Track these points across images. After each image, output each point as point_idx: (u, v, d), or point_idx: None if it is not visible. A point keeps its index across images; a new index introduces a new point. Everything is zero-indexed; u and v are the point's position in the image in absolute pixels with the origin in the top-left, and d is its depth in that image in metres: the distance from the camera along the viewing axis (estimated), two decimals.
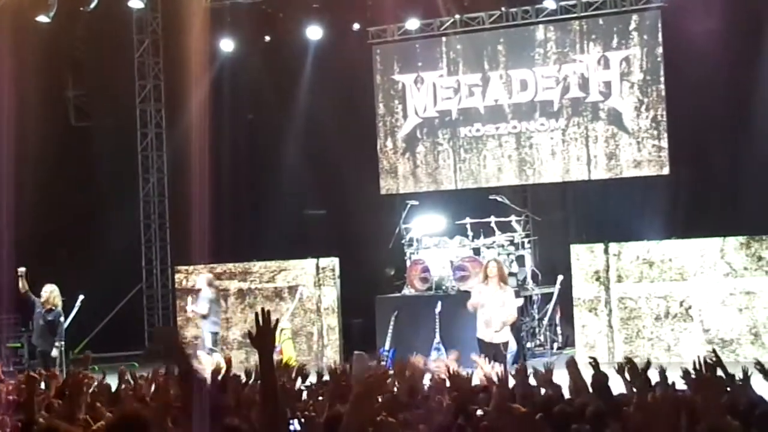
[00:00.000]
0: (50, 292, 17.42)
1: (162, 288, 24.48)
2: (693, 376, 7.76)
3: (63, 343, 17.33)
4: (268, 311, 5.40)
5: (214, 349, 17.87)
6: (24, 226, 19.44)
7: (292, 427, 7.18)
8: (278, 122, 23.06)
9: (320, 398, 8.32)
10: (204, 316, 18.06)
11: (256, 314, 5.31)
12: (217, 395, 7.67)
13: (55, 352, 17.15)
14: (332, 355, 20.23)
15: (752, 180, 18.92)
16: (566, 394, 8.19)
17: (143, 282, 24.57)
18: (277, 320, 5.56)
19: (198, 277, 19.20)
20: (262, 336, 5.30)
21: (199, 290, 18.45)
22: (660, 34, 20.24)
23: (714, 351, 8.62)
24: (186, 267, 21.58)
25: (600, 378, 7.90)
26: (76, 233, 22.34)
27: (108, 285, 21.61)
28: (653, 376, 7.97)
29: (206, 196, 19.84)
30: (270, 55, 22.80)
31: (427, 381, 9.72)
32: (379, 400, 6.93)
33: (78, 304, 17.87)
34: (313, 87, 22.62)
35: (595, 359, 8.26)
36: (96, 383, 9.09)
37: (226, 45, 22.69)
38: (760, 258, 17.85)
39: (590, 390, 7.87)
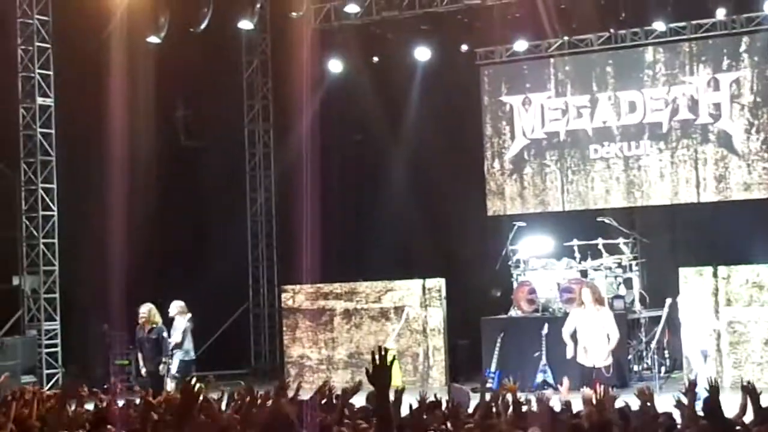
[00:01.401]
0: (149, 310, 17.65)
1: (269, 307, 24.96)
2: None
3: (170, 359, 17.59)
4: (386, 349, 5.75)
5: (176, 376, 17.60)
6: (135, 245, 20.01)
7: None
8: (386, 143, 23.43)
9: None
10: (178, 345, 18.03)
11: (373, 352, 5.59)
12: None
13: (162, 369, 17.44)
14: (438, 376, 20.44)
15: None
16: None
17: (250, 301, 25.10)
18: (394, 357, 5.97)
19: (171, 305, 18.70)
20: (379, 373, 5.53)
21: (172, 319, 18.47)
22: None
23: None
24: (292, 286, 21.85)
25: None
26: (185, 252, 22.83)
27: (215, 304, 22.05)
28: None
29: (313, 216, 20.15)
30: (378, 76, 23.20)
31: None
32: None
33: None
34: (420, 108, 23.00)
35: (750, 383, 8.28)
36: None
37: (335, 66, 23.10)
38: None
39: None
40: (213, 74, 23.68)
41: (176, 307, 18.43)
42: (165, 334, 17.64)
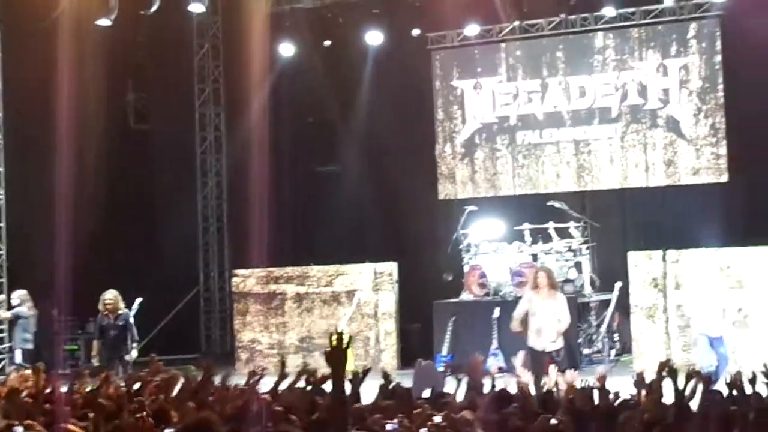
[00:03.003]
0: (115, 296, 17.33)
1: (219, 291, 25.03)
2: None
3: (132, 346, 17.28)
4: (342, 333, 5.97)
5: (23, 365, 17.43)
6: (83, 229, 19.81)
7: None
8: (337, 127, 23.49)
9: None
10: (12, 320, 18.31)
11: (330, 335, 5.89)
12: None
13: (134, 354, 17.16)
14: (389, 360, 20.29)
15: None
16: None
17: (200, 285, 25.15)
18: (350, 339, 6.16)
19: (13, 294, 18.68)
20: (336, 355, 5.80)
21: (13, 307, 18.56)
22: (719, 42, 20.74)
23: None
24: (243, 271, 21.70)
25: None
26: (135, 236, 22.75)
27: (166, 288, 22.17)
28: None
29: (264, 199, 20.23)
30: (330, 60, 23.23)
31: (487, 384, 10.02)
32: None
33: (136, 306, 17.80)
34: (372, 92, 23.03)
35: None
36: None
37: (286, 49, 23.12)
38: None
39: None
40: (164, 57, 23.71)
41: (19, 296, 18.48)
42: (132, 320, 17.44)
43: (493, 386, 10.24)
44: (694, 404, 8.02)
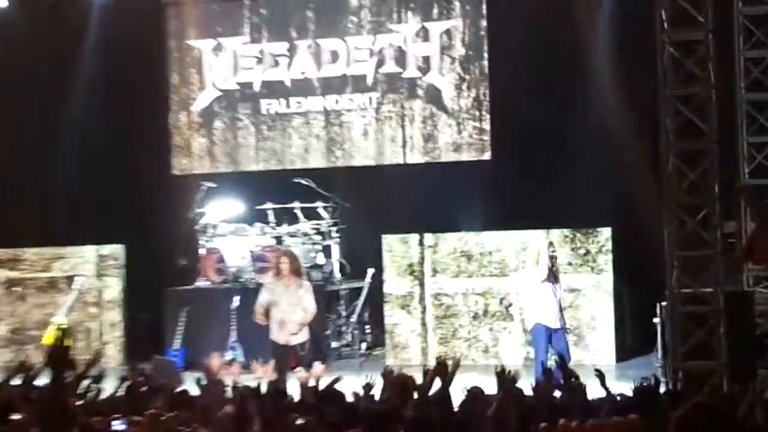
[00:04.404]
0: None
1: None
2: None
3: None
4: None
5: None
6: None
7: None
8: (57, 91, 22.21)
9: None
10: None
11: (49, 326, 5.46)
12: None
13: None
14: (114, 354, 20.05)
15: (580, 168, 19.01)
16: None
17: None
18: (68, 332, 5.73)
19: None
20: (57, 353, 5.43)
21: None
22: (484, 6, 20.47)
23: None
24: None
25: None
26: None
27: None
28: None
29: None
30: (49, 15, 21.91)
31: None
32: None
33: None
34: (98, 51, 21.89)
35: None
36: None
37: None
38: (586, 252, 18.12)
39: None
40: None
41: None
42: None
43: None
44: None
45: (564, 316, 15.64)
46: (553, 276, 15.40)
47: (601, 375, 9.58)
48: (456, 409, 8.68)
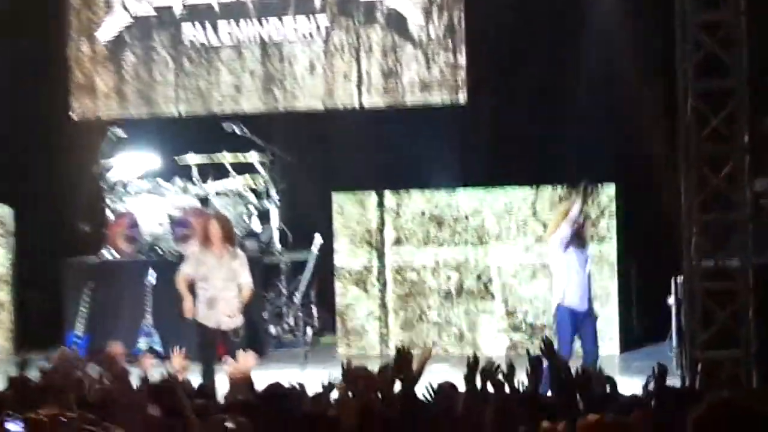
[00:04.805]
0: None
1: None
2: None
3: None
4: None
5: None
6: None
7: None
8: None
9: None
10: None
11: None
12: None
13: None
14: (2, 341, 20.21)
15: (576, 112, 19.00)
16: None
17: None
18: None
19: None
20: None
21: None
22: None
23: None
24: None
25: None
26: None
27: None
28: None
29: None
30: None
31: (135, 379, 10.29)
32: None
33: None
34: None
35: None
36: None
37: None
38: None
39: None
40: None
41: None
42: None
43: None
44: None
45: (592, 298, 15.18)
46: (580, 241, 14.93)
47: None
48: (423, 411, 8.68)
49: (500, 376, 8.64)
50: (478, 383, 8.59)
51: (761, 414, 4.87)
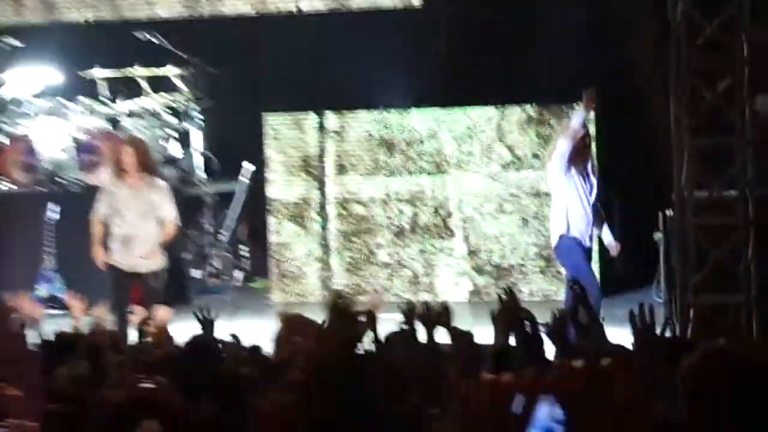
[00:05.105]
0: None
1: None
2: None
3: None
4: None
5: None
6: None
7: None
8: None
9: None
10: None
11: None
12: None
13: None
14: None
15: (549, 19, 19.08)
16: None
17: None
18: None
19: None
20: None
21: None
22: None
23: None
24: None
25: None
26: None
27: None
28: None
29: None
30: None
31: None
32: None
33: None
34: None
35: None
36: None
37: None
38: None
39: None
40: None
41: None
42: None
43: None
44: None
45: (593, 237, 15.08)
46: (583, 160, 14.62)
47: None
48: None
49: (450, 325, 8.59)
50: (423, 333, 8.57)
51: (762, 363, 4.92)
